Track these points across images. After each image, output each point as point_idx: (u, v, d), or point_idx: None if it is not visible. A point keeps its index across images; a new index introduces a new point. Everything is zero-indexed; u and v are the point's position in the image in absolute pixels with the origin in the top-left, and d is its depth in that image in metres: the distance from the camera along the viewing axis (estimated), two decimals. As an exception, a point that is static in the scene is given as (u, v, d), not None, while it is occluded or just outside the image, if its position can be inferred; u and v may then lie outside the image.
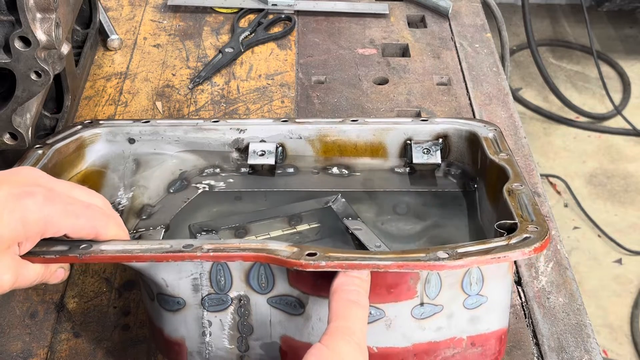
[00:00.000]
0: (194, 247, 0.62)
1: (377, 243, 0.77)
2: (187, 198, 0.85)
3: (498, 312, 0.66)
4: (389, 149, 0.88)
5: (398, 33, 1.25)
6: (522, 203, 0.69)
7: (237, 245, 0.62)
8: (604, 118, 2.69)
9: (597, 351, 0.78)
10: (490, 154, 0.80)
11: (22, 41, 0.77)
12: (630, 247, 2.23)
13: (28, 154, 0.79)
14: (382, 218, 0.87)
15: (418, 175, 0.88)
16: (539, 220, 0.65)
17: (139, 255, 0.62)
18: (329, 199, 0.85)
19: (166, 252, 0.62)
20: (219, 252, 0.61)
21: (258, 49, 1.20)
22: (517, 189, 0.71)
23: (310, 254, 0.60)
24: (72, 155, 0.83)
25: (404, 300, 0.63)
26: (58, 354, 0.76)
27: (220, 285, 0.65)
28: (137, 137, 0.86)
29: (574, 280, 0.85)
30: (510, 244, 0.62)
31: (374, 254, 0.61)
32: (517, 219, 0.66)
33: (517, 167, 0.76)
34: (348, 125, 0.87)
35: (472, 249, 0.61)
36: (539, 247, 0.61)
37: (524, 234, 0.63)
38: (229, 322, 0.66)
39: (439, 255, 0.60)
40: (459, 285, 0.63)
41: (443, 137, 0.87)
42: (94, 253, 0.62)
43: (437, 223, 0.87)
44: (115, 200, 0.84)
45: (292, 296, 0.64)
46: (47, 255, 0.62)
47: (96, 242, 0.64)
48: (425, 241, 0.85)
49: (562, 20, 3.14)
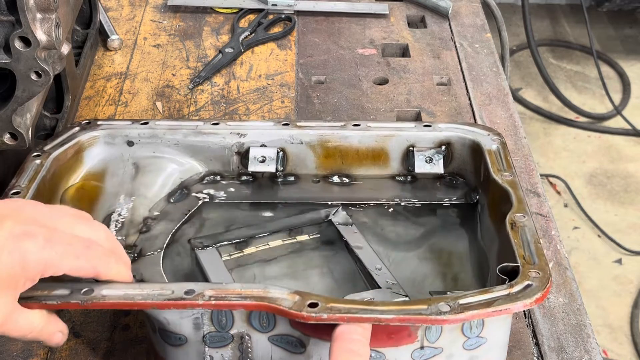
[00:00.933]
0: (195, 293, 0.63)
1: (378, 265, 0.78)
2: (188, 210, 0.85)
3: (497, 350, 0.67)
4: (390, 156, 0.88)
5: (398, 33, 1.25)
6: (524, 239, 0.70)
7: (238, 291, 0.63)
8: (604, 118, 2.69)
9: (597, 351, 0.78)
10: (494, 172, 0.79)
11: (22, 41, 0.77)
12: (630, 247, 2.23)
13: (26, 165, 0.79)
14: (381, 224, 0.87)
15: (419, 185, 0.88)
16: (542, 264, 0.66)
17: (141, 303, 0.62)
18: (329, 211, 0.85)
19: (168, 299, 0.62)
20: (220, 301, 0.62)
21: (258, 49, 1.20)
22: (520, 222, 0.72)
23: (312, 305, 0.61)
24: (70, 161, 0.83)
25: (404, 344, 0.64)
26: (58, 354, 0.76)
27: (221, 324, 0.65)
28: (136, 139, 0.86)
29: (574, 280, 0.85)
30: (512, 294, 0.62)
31: (375, 305, 0.62)
32: (519, 261, 0.67)
33: (520, 190, 0.76)
34: (350, 131, 0.87)
35: (473, 300, 0.62)
36: (540, 297, 0.62)
37: (526, 280, 0.64)
38: (230, 357, 0.67)
39: (441, 308, 0.61)
40: (459, 329, 0.64)
41: (446, 145, 0.86)
42: (96, 299, 0.63)
43: (436, 231, 0.87)
44: (115, 210, 0.83)
45: (293, 336, 0.65)
46: (48, 300, 0.63)
47: (98, 284, 0.64)
48: (424, 250, 0.85)
49: (562, 20, 3.14)
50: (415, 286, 0.79)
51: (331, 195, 0.87)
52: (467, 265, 0.82)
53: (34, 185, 0.76)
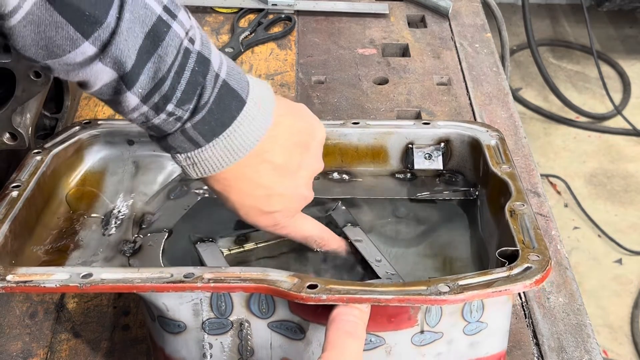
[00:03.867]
0: (194, 276, 0.62)
1: (378, 257, 0.78)
2: (187, 205, 0.85)
3: (498, 336, 0.67)
4: (390, 153, 0.88)
5: (398, 33, 1.25)
6: (523, 226, 0.69)
7: (237, 274, 0.63)
8: (604, 118, 2.68)
9: (597, 351, 0.78)
10: (493, 165, 0.79)
11: (22, 41, 0.77)
12: (630, 247, 2.23)
13: (27, 160, 0.79)
14: (381, 221, 0.87)
15: (419, 181, 0.88)
16: (541, 248, 0.66)
17: (139, 286, 0.62)
18: (329, 206, 0.85)
19: (167, 282, 0.62)
20: (219, 283, 0.62)
21: (258, 49, 1.20)
22: (519, 210, 0.71)
23: (311, 286, 0.60)
24: (70, 159, 0.83)
25: (404, 328, 0.63)
26: (58, 354, 0.76)
27: (220, 310, 0.65)
28: (137, 138, 0.86)
29: (574, 280, 0.85)
30: (512, 276, 0.62)
31: (375, 286, 0.61)
32: (519, 246, 0.66)
33: (519, 182, 0.76)
34: (349, 128, 0.87)
35: (473, 281, 0.61)
36: (540, 278, 0.62)
37: (526, 263, 0.63)
38: (230, 344, 0.66)
39: (440, 289, 0.60)
40: (460, 313, 0.64)
41: (445, 142, 0.86)
42: (94, 283, 0.63)
43: (436, 228, 0.87)
44: (115, 207, 0.83)
45: (292, 322, 0.64)
46: (47, 284, 0.63)
47: (96, 270, 0.64)
48: (425, 246, 0.85)
49: (562, 20, 3.14)
50: (415, 279, 0.79)
51: (331, 191, 0.87)
52: (467, 260, 0.82)
53: (34, 180, 0.76)
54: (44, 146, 0.82)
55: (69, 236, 0.79)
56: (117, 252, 0.78)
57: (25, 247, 0.74)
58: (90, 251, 0.78)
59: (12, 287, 0.63)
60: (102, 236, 0.80)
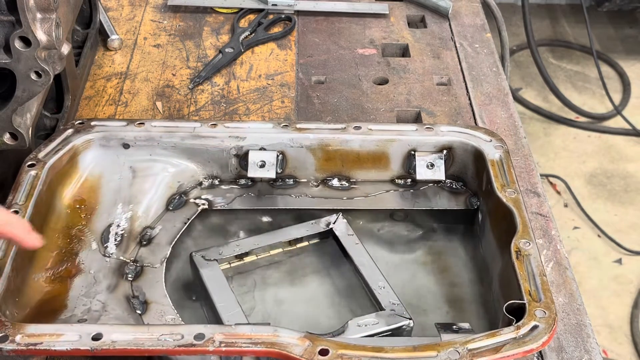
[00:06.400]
0: (205, 339, 0.64)
1: (381, 283, 0.78)
2: (187, 218, 0.84)
3: None
4: (391, 159, 0.88)
5: (398, 33, 1.25)
6: (529, 271, 0.71)
7: (248, 335, 0.64)
8: (604, 118, 2.68)
9: (597, 351, 0.78)
10: (498, 189, 0.80)
11: (22, 41, 0.77)
12: (630, 247, 2.23)
13: (22, 177, 0.79)
14: (379, 224, 0.87)
15: (420, 189, 0.88)
16: (547, 301, 0.68)
17: (151, 350, 0.64)
18: (329, 219, 0.85)
19: (178, 345, 0.64)
20: (231, 348, 0.64)
21: (258, 49, 1.20)
22: (525, 250, 0.73)
23: (323, 352, 0.63)
24: (66, 167, 0.83)
25: None
26: (58, 353, 0.76)
27: None
28: (132, 142, 0.85)
29: (574, 280, 0.85)
30: (519, 338, 0.65)
31: (385, 351, 0.63)
32: (525, 298, 0.68)
33: (524, 211, 0.77)
34: (351, 135, 0.86)
35: (482, 344, 0.64)
36: (546, 340, 0.65)
37: (533, 320, 0.66)
38: None
39: (450, 355, 0.63)
40: None
41: (447, 149, 0.86)
42: (105, 346, 0.64)
43: (434, 233, 0.87)
44: (114, 221, 0.83)
45: None
46: (57, 347, 0.64)
47: (105, 326, 0.65)
48: (422, 252, 0.85)
49: (562, 20, 3.14)
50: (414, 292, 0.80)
51: (331, 200, 0.87)
52: (465, 273, 0.83)
53: (31, 203, 0.76)
54: (37, 157, 0.81)
55: (69, 258, 0.78)
56: (119, 277, 0.78)
57: (27, 278, 0.74)
58: (92, 278, 0.77)
59: (23, 349, 0.64)
60: (102, 257, 0.79)
